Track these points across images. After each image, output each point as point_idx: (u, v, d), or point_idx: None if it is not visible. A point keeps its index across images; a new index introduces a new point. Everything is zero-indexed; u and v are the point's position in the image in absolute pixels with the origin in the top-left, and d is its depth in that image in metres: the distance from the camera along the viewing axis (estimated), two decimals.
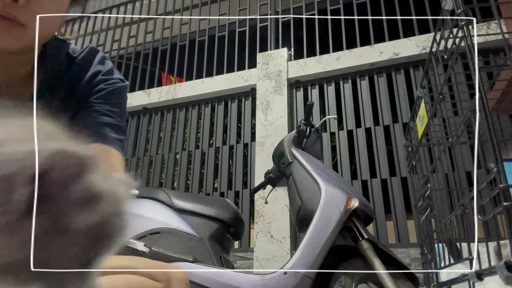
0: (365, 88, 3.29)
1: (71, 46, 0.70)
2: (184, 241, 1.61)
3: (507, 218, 0.78)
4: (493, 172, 0.82)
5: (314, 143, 1.86)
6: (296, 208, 1.61)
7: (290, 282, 1.38)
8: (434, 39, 1.28)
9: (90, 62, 0.72)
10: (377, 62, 3.20)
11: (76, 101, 0.68)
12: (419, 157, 1.59)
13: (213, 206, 1.79)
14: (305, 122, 1.82)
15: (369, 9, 3.53)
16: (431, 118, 1.37)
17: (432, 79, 1.33)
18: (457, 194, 1.38)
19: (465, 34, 0.93)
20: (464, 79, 1.03)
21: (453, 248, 1.32)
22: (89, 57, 0.72)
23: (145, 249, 1.49)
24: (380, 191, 2.90)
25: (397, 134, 3.01)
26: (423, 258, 1.60)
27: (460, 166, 1.18)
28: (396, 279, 1.36)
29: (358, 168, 3.03)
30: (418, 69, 3.12)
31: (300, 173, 1.65)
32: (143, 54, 4.41)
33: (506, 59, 1.08)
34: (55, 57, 0.66)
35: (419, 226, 1.59)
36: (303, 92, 3.47)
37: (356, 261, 1.47)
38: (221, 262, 1.63)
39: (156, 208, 1.71)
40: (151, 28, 4.56)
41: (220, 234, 1.74)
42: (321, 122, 1.98)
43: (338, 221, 1.46)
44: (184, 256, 1.54)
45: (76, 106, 0.68)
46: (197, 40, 4.17)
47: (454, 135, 1.10)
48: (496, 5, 1.07)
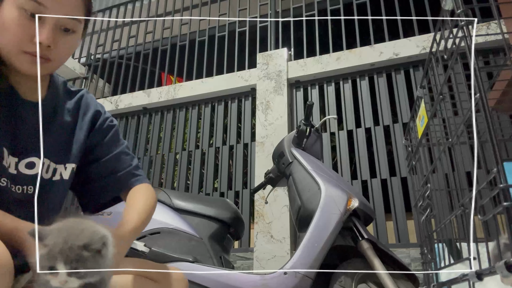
0: (365, 88, 3.29)
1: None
2: (184, 241, 1.61)
3: (507, 218, 0.78)
4: (493, 172, 0.82)
5: (314, 143, 1.86)
6: (296, 208, 1.60)
7: (290, 282, 1.38)
8: (434, 39, 1.28)
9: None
10: (377, 62, 3.20)
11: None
12: (419, 157, 1.59)
13: (213, 206, 1.79)
14: (305, 122, 1.82)
15: (369, 9, 3.53)
16: (431, 118, 1.37)
17: (432, 79, 1.33)
18: (457, 194, 1.38)
19: (465, 34, 0.93)
20: (464, 79, 1.03)
21: (453, 248, 1.32)
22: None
23: (145, 249, 1.49)
24: (380, 191, 2.90)
25: (397, 134, 3.01)
26: (423, 258, 1.60)
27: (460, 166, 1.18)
28: (396, 279, 1.36)
29: (358, 168, 3.03)
30: (418, 69, 3.12)
31: (300, 173, 1.65)
32: (143, 54, 4.41)
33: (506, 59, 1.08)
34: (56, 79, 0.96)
35: (419, 226, 1.58)
36: (303, 92, 3.47)
37: (356, 261, 1.47)
38: (221, 262, 1.63)
39: (156, 208, 1.71)
40: (151, 28, 4.56)
41: (220, 234, 1.74)
42: (321, 122, 1.98)
43: (338, 221, 1.46)
44: (184, 256, 1.54)
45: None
46: (197, 40, 4.17)
47: (454, 135, 1.10)
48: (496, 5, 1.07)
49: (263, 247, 2.84)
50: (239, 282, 1.44)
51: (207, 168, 3.56)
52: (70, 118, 0.95)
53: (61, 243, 0.56)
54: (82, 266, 0.56)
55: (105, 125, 1.01)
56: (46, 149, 0.86)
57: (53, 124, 0.91)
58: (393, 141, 3.02)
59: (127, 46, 4.59)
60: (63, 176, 0.92)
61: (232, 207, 1.84)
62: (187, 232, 1.64)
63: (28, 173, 0.85)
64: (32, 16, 0.77)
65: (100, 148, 0.98)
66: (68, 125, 0.94)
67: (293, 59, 3.56)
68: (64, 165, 0.92)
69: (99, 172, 0.97)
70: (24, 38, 0.78)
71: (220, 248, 1.71)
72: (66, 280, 0.56)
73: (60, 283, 0.56)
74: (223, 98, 3.78)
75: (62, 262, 0.55)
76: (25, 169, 0.84)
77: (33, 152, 0.85)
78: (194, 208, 1.75)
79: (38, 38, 0.76)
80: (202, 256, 1.58)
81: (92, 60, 4.70)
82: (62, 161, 0.91)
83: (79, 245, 0.57)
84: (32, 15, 0.77)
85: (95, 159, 0.98)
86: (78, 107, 0.98)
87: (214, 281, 1.43)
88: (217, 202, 1.86)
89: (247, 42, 3.88)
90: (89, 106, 1.00)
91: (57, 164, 0.90)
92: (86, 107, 0.99)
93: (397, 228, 2.76)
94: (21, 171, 0.84)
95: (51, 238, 0.57)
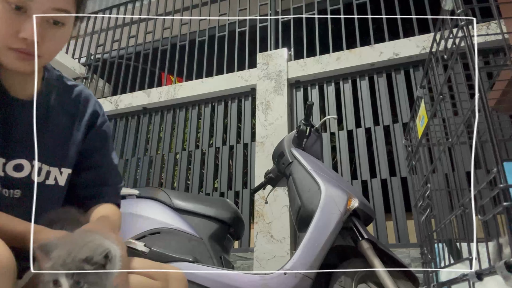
0: (365, 88, 3.29)
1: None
2: (184, 241, 1.61)
3: (507, 218, 0.78)
4: (493, 172, 0.82)
5: (314, 143, 1.86)
6: (296, 208, 1.60)
7: (290, 282, 1.38)
8: (434, 39, 1.28)
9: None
10: (377, 62, 3.20)
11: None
12: (419, 157, 1.59)
13: (213, 206, 1.79)
14: (305, 122, 1.82)
15: (369, 9, 3.53)
16: (431, 118, 1.37)
17: (432, 79, 1.33)
18: (457, 194, 1.38)
19: (465, 34, 0.93)
20: (464, 79, 1.03)
21: (453, 248, 1.32)
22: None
23: (145, 249, 1.49)
24: (380, 191, 2.90)
25: (397, 134, 3.00)
26: (423, 258, 1.60)
27: (460, 166, 1.17)
28: (396, 279, 1.36)
29: (358, 168, 3.03)
30: (418, 69, 3.12)
31: (300, 173, 1.65)
32: (143, 54, 4.41)
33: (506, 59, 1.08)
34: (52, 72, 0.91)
35: (419, 226, 1.58)
36: (303, 92, 3.46)
37: (356, 261, 1.47)
38: (221, 262, 1.63)
39: (156, 208, 1.71)
40: (151, 28, 4.56)
41: (220, 234, 1.74)
42: (321, 122, 1.98)
43: (338, 221, 1.46)
44: (184, 256, 1.54)
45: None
46: (197, 40, 4.17)
47: (454, 135, 1.10)
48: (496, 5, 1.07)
49: (263, 247, 2.84)
50: (239, 282, 1.43)
51: (207, 168, 3.56)
52: (67, 117, 0.90)
53: (64, 256, 0.57)
54: (84, 279, 0.57)
55: (102, 129, 0.96)
56: (38, 150, 0.79)
57: (47, 123, 0.85)
58: (393, 141, 3.02)
59: (127, 46, 4.59)
60: (58, 181, 0.86)
61: (232, 207, 1.84)
62: (187, 232, 1.64)
63: (16, 176, 0.80)
64: (17, 9, 0.71)
65: (96, 155, 0.94)
66: (64, 125, 0.89)
67: (293, 59, 3.56)
68: (59, 169, 0.87)
69: (92, 180, 0.92)
70: (9, 34, 0.71)
71: (220, 248, 1.71)
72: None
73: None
74: (223, 98, 3.78)
75: (63, 275, 0.56)
76: (13, 172, 0.80)
77: (22, 153, 0.80)
78: (194, 208, 1.75)
79: (24, 33, 0.70)
80: (202, 256, 1.58)
81: (92, 60, 4.70)
82: (56, 164, 0.86)
83: (80, 258, 0.57)
84: (17, 8, 0.71)
85: (89, 166, 0.93)
86: (76, 105, 0.93)
87: (214, 281, 1.43)
88: (217, 202, 1.86)
89: (247, 42, 3.88)
90: (88, 104, 0.95)
91: (50, 166, 0.85)
92: (85, 106, 0.94)
93: (397, 228, 2.76)
94: (9, 174, 0.79)
95: (57, 251, 0.58)
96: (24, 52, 0.73)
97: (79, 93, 0.94)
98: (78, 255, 0.58)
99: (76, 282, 0.56)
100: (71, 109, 0.91)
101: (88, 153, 0.93)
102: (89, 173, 0.92)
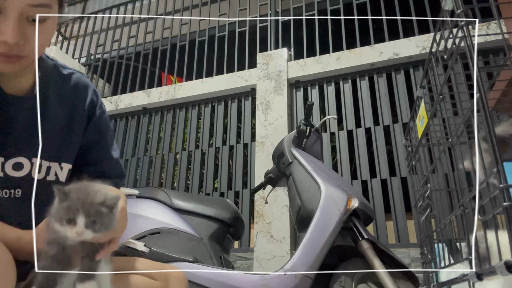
0: (365, 88, 3.29)
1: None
2: (184, 241, 1.61)
3: (507, 218, 0.78)
4: (493, 172, 0.82)
5: (314, 143, 1.86)
6: (296, 208, 1.60)
7: (290, 282, 1.38)
8: (434, 39, 1.28)
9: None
10: (377, 62, 3.20)
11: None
12: (419, 157, 1.59)
13: (213, 206, 1.79)
14: (305, 122, 1.82)
15: (369, 9, 3.53)
16: (431, 118, 1.37)
17: (432, 79, 1.33)
18: (457, 194, 1.38)
19: (465, 34, 0.93)
20: (464, 79, 1.03)
21: (453, 248, 1.32)
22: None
23: (145, 249, 1.49)
24: (380, 191, 2.90)
25: (397, 134, 3.00)
26: (423, 258, 1.60)
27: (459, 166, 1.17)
28: (396, 279, 1.36)
29: (358, 168, 3.03)
30: (418, 69, 3.12)
31: (300, 173, 1.65)
32: (143, 54, 4.41)
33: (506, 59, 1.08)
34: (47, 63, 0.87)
35: (419, 226, 1.58)
36: (303, 92, 3.47)
37: (356, 261, 1.47)
38: (221, 262, 1.63)
39: (156, 208, 1.71)
40: (151, 28, 4.56)
41: (220, 234, 1.74)
42: (321, 122, 1.98)
43: (338, 221, 1.46)
44: (184, 256, 1.54)
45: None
46: (197, 40, 4.17)
47: (454, 135, 1.10)
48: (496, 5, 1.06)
49: (263, 247, 2.84)
50: (239, 282, 1.44)
51: (207, 168, 3.56)
52: (65, 109, 0.87)
53: (82, 199, 0.63)
54: (100, 220, 0.64)
55: (101, 121, 0.93)
56: (36, 146, 0.73)
57: (44, 117, 0.81)
58: (393, 141, 3.02)
59: (127, 46, 4.59)
60: (59, 177, 0.84)
61: (232, 207, 1.84)
62: (187, 232, 1.64)
63: (15, 175, 0.78)
64: None
65: (95, 148, 0.92)
66: (63, 117, 0.86)
67: (293, 59, 3.56)
68: (59, 164, 0.84)
69: (92, 175, 0.87)
70: None
71: (220, 248, 1.71)
72: (83, 232, 0.62)
73: (77, 233, 0.62)
74: (223, 98, 3.78)
75: (82, 215, 0.62)
76: (13, 171, 0.78)
77: (21, 151, 0.78)
78: (194, 208, 1.75)
79: (2, 36, 0.65)
80: (202, 256, 1.58)
81: (92, 60, 4.71)
82: (56, 158, 0.84)
83: (97, 202, 0.64)
84: None
85: (89, 160, 0.91)
86: (74, 94, 0.89)
87: (214, 281, 1.43)
88: (217, 202, 1.86)
89: (247, 42, 3.88)
90: (86, 92, 0.91)
91: (50, 161, 0.83)
92: (83, 95, 0.91)
93: (397, 228, 2.76)
94: (8, 173, 0.77)
95: (73, 194, 0.64)
96: (7, 55, 0.68)
97: (76, 82, 0.91)
98: (95, 199, 0.64)
99: (93, 222, 0.62)
100: (69, 99, 0.88)
101: (87, 147, 0.91)
102: (88, 168, 0.90)
